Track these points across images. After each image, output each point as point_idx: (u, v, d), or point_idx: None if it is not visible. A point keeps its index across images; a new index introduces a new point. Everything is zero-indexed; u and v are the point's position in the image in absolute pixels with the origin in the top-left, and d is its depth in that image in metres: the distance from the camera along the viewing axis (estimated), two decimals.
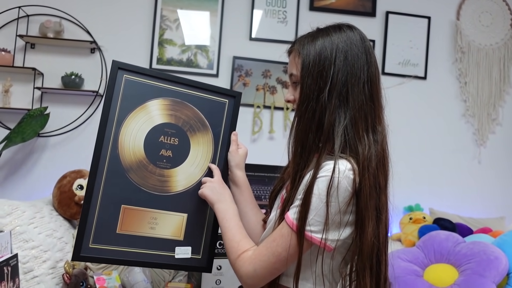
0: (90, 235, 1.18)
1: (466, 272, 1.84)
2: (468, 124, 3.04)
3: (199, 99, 1.28)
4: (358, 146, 0.94)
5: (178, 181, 1.25)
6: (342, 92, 0.95)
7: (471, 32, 3.08)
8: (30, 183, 2.60)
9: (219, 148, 1.29)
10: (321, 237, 0.89)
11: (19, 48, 2.64)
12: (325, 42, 0.98)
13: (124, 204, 1.21)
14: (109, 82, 1.22)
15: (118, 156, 1.21)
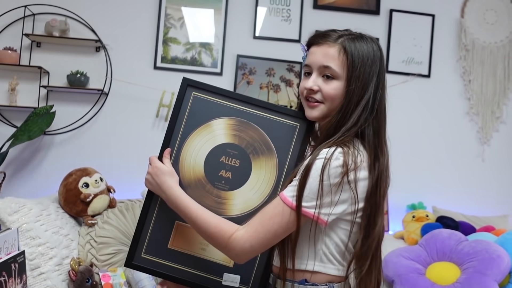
0: (143, 245, 1.20)
1: (469, 271, 1.85)
2: (472, 122, 3.04)
3: (266, 121, 1.22)
4: (379, 155, 1.05)
5: (234, 204, 1.21)
6: (376, 101, 1.06)
7: (475, 30, 3.07)
8: (36, 181, 2.63)
9: (284, 175, 1.20)
10: (314, 211, 0.98)
11: (25, 47, 2.66)
12: (369, 52, 1.05)
13: (178, 221, 1.20)
14: (177, 97, 1.22)
15: (178, 172, 1.20)
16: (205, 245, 1.20)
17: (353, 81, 1.03)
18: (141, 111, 2.73)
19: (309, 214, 0.98)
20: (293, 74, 2.87)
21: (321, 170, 0.97)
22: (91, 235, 1.89)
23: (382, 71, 1.08)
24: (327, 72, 1.05)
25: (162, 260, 1.19)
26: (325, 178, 0.97)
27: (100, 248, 1.86)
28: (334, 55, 1.05)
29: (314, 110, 1.09)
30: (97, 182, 1.99)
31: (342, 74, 1.04)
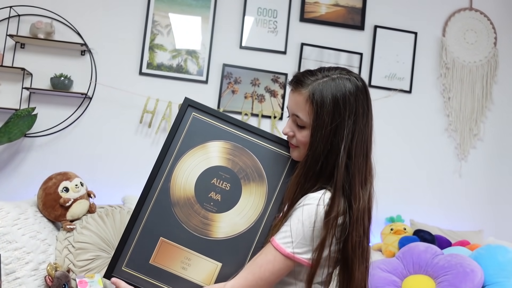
0: (125, 258, 1.20)
1: (443, 284, 1.89)
2: (451, 138, 3.11)
3: (261, 149, 1.25)
4: (351, 201, 1.02)
5: (220, 227, 1.22)
6: (350, 148, 1.03)
7: (456, 49, 3.16)
8: (14, 184, 2.58)
9: (272, 203, 1.23)
10: (307, 257, 0.99)
11: (8, 48, 2.63)
12: (339, 96, 1.02)
13: (162, 237, 1.21)
14: (177, 116, 1.24)
15: (169, 189, 1.22)
16: (186, 264, 1.20)
17: (317, 130, 1.02)
18: (125, 116, 2.72)
19: (303, 261, 1.00)
20: (278, 85, 2.90)
21: (314, 216, 0.98)
22: (69, 240, 1.86)
23: (361, 113, 1.04)
24: (297, 121, 1.07)
25: (142, 275, 1.19)
26: (317, 225, 0.98)
27: (78, 254, 1.84)
28: (301, 104, 1.05)
29: (293, 152, 1.13)
30: (77, 186, 1.97)
31: (309, 123, 1.04)
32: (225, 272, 1.20)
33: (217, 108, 2.81)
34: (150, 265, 1.20)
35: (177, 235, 1.21)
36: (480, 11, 3.17)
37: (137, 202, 1.21)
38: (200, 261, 1.21)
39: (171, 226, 1.21)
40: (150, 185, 1.22)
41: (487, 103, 3.15)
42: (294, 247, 0.99)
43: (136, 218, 1.21)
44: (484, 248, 2.06)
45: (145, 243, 1.21)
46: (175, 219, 1.22)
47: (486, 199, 3.10)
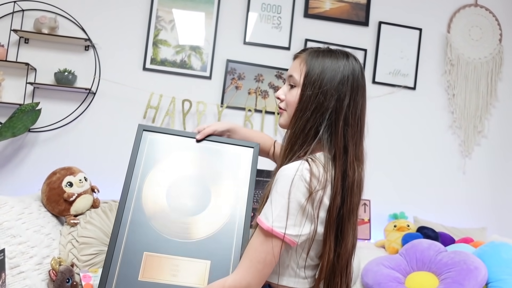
0: (112, 283, 1.20)
1: (446, 281, 1.88)
2: (455, 135, 3.10)
3: (218, 152, 1.36)
4: (348, 171, 1.04)
5: (200, 228, 1.27)
6: (339, 114, 1.04)
7: (460, 46, 3.14)
8: (18, 178, 2.59)
9: (241, 194, 1.33)
10: (283, 232, 0.98)
11: (13, 43, 2.64)
12: (333, 65, 1.06)
13: (146, 251, 1.23)
14: (134, 143, 1.34)
15: (142, 206, 1.28)
16: (175, 271, 1.22)
17: (308, 86, 1.06)
18: (129, 112, 2.72)
19: (279, 235, 0.98)
20: (282, 81, 2.89)
21: (289, 187, 0.98)
22: (73, 235, 1.87)
23: (353, 88, 1.06)
24: (290, 81, 1.12)
25: None
26: (292, 197, 0.98)
27: (82, 248, 1.84)
28: (297, 66, 1.11)
29: (281, 118, 1.16)
30: (81, 181, 1.97)
31: (300, 82, 1.08)
32: (216, 267, 1.23)
33: (221, 104, 2.81)
34: (139, 282, 1.20)
35: (159, 246, 1.24)
36: (485, 8, 3.15)
37: (114, 225, 1.25)
38: (189, 264, 1.23)
39: (152, 239, 1.24)
40: (123, 207, 1.28)
41: (491, 100, 3.14)
42: (273, 221, 0.98)
43: (116, 240, 1.24)
44: (488, 245, 2.05)
45: (130, 261, 1.22)
46: (154, 231, 1.26)
47: (490, 196, 3.10)
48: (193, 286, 1.20)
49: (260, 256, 0.99)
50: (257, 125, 2.84)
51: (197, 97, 2.77)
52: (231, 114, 2.82)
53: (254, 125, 2.83)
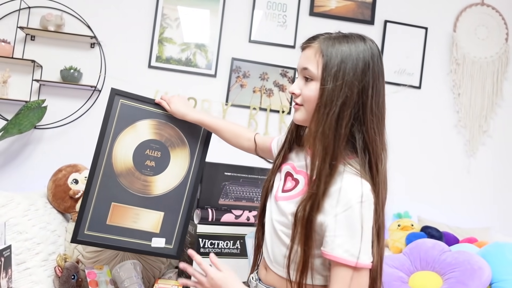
0: (86, 224, 1.50)
1: (450, 281, 1.88)
2: (460, 135, 3.09)
3: (181, 121, 1.54)
4: (378, 165, 0.99)
5: (158, 186, 1.56)
6: (365, 105, 0.96)
7: (466, 45, 3.13)
8: (24, 175, 2.61)
9: (194, 161, 1.60)
10: (371, 261, 0.93)
11: (19, 40, 2.65)
12: (351, 52, 0.96)
13: (113, 202, 1.52)
14: (107, 104, 1.49)
15: (112, 164, 1.52)
16: (136, 219, 1.54)
17: (328, 79, 0.95)
18: None
19: (369, 266, 0.93)
20: (287, 79, 2.89)
21: (361, 216, 0.91)
22: None
23: (375, 74, 0.97)
24: (306, 74, 1.00)
25: (103, 234, 1.51)
26: (366, 226, 0.92)
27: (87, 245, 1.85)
28: (311, 56, 0.99)
29: (296, 113, 1.06)
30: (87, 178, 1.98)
31: (318, 75, 0.97)
32: (167, 218, 1.57)
33: (226, 102, 2.81)
34: (107, 225, 1.51)
35: (125, 198, 1.53)
36: (492, 7, 3.13)
37: (88, 178, 1.50)
38: (147, 214, 1.55)
39: (119, 192, 1.52)
40: (95, 163, 1.50)
41: (497, 99, 3.12)
42: (359, 255, 0.91)
43: (89, 190, 1.49)
44: (492, 245, 2.05)
45: (100, 209, 1.51)
46: (121, 186, 1.52)
47: (494, 196, 3.09)
48: (148, 230, 1.55)
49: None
50: (262, 123, 2.84)
51: (202, 95, 2.78)
52: (236, 112, 2.82)
53: (259, 123, 2.84)
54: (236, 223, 1.84)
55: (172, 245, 1.59)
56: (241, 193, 1.91)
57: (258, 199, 1.96)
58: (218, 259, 1.06)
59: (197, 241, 1.76)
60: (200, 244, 1.77)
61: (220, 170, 1.88)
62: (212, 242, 1.78)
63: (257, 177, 1.94)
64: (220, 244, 1.80)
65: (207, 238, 1.78)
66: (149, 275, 1.95)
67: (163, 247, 1.58)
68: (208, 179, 1.85)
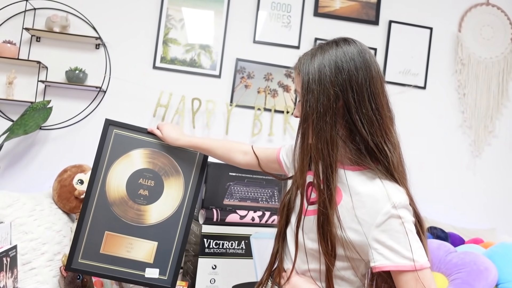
0: (80, 252, 1.51)
1: (456, 282, 1.87)
2: (465, 135, 3.08)
3: (174, 149, 1.58)
4: (393, 163, 0.97)
5: (151, 215, 1.57)
6: (349, 108, 0.94)
7: (471, 45, 3.11)
8: (30, 176, 2.62)
9: (189, 190, 1.60)
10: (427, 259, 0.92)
11: (24, 41, 2.66)
12: (324, 59, 0.96)
13: (107, 231, 1.53)
14: (101, 134, 1.54)
15: (105, 193, 1.54)
16: (130, 248, 1.54)
17: (305, 94, 0.97)
18: (139, 110, 2.73)
19: (427, 264, 0.92)
20: (291, 79, 2.89)
21: (400, 220, 0.92)
22: None
23: (353, 72, 0.94)
24: (299, 97, 1.02)
25: (96, 263, 1.51)
26: (406, 224, 0.93)
27: None
28: (296, 78, 1.03)
29: None
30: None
31: (300, 92, 1.00)
32: (161, 248, 1.56)
33: (230, 103, 2.81)
34: (101, 254, 1.52)
35: (118, 227, 1.53)
36: (497, 7, 3.12)
37: (82, 206, 1.51)
38: (140, 243, 1.55)
39: (112, 221, 1.53)
40: (89, 192, 1.52)
41: (503, 99, 3.11)
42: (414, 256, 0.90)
43: (83, 219, 1.51)
44: (498, 246, 2.03)
45: (94, 237, 1.52)
46: (114, 215, 1.53)
47: (500, 197, 3.07)
48: (142, 260, 1.55)
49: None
50: (267, 124, 2.84)
51: (207, 96, 2.78)
52: (240, 113, 2.82)
53: (263, 124, 2.83)
54: (241, 224, 1.84)
55: (167, 276, 1.57)
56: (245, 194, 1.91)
57: (263, 200, 1.96)
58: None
59: (202, 241, 1.76)
60: (205, 244, 1.77)
61: (225, 170, 1.88)
62: (217, 243, 1.78)
63: (262, 177, 1.94)
64: (225, 244, 1.80)
65: (212, 238, 1.78)
66: None
67: (156, 277, 1.56)
68: (212, 179, 1.85)
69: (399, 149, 1.00)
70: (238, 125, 2.82)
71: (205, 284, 1.76)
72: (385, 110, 0.98)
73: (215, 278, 1.78)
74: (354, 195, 0.95)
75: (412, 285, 0.88)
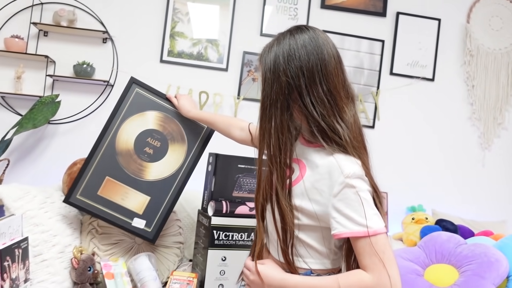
0: (79, 189, 1.69)
1: (467, 273, 1.86)
2: (474, 127, 3.06)
3: (185, 119, 1.74)
4: (342, 136, 0.99)
5: (151, 172, 1.74)
6: (301, 93, 1.00)
7: (480, 36, 3.08)
8: (39, 169, 2.63)
9: (189, 159, 1.77)
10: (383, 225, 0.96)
11: (32, 36, 2.67)
12: (278, 50, 1.03)
13: (108, 176, 1.70)
14: (124, 89, 1.70)
15: (115, 142, 1.70)
16: (124, 197, 1.71)
17: (263, 83, 1.05)
18: None
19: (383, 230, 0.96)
20: None
21: (354, 189, 0.96)
22: (93, 225, 1.90)
23: (302, 61, 0.99)
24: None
25: (92, 202, 1.69)
26: (360, 192, 0.98)
27: (102, 238, 1.87)
28: (259, 69, 1.10)
29: None
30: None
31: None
32: (152, 203, 1.73)
33: (238, 96, 2.81)
34: (97, 195, 1.69)
35: (118, 175, 1.69)
36: None
37: (91, 149, 1.68)
38: (135, 195, 1.72)
39: (115, 168, 1.69)
40: (101, 139, 1.69)
41: None
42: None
43: (89, 161, 1.67)
44: (509, 237, 2.02)
45: (95, 179, 1.68)
46: (117, 164, 1.69)
47: (510, 189, 3.05)
48: (133, 210, 1.72)
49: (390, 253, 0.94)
50: None
51: (214, 89, 2.78)
52: (247, 106, 2.82)
53: None
54: (250, 215, 1.84)
55: (151, 229, 1.75)
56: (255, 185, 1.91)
57: None
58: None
59: (211, 233, 1.76)
60: (215, 236, 1.77)
61: (234, 162, 1.88)
62: (226, 234, 1.78)
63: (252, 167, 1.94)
64: (234, 236, 1.80)
65: (221, 230, 1.78)
66: (164, 268, 1.96)
67: (142, 228, 1.73)
68: (222, 171, 1.85)
69: (355, 125, 1.03)
70: (246, 118, 2.78)
71: (215, 276, 1.76)
72: (339, 90, 1.02)
73: (224, 270, 1.78)
74: (314, 168, 1.02)
75: (367, 250, 0.92)
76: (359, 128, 1.04)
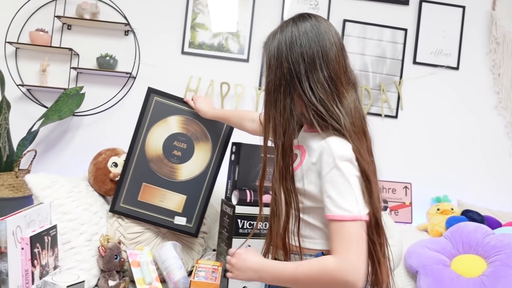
0: (121, 198, 1.83)
1: (495, 264, 1.83)
2: (500, 116, 2.99)
3: (205, 119, 1.83)
4: (338, 119, 1.01)
5: (182, 172, 1.86)
6: (301, 79, 1.03)
7: (506, 23, 3.00)
8: (65, 160, 2.68)
9: (215, 155, 1.88)
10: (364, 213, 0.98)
11: (56, 29, 2.70)
12: (281, 37, 1.06)
13: (144, 182, 1.83)
14: (144, 100, 1.81)
15: (145, 151, 1.82)
16: (162, 199, 1.84)
17: (267, 70, 1.09)
18: None
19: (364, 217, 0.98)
20: None
21: (342, 173, 0.98)
22: None
23: (304, 49, 1.03)
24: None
25: (135, 208, 1.83)
26: (349, 177, 1.00)
27: (128, 227, 1.89)
28: (264, 56, 1.14)
29: None
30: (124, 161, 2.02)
31: None
32: (189, 200, 1.86)
33: (259, 87, 2.80)
34: (138, 201, 1.83)
35: (154, 180, 1.82)
36: None
37: (125, 160, 1.82)
38: (172, 195, 1.85)
39: (149, 175, 1.82)
40: (131, 149, 1.81)
41: None
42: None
43: (125, 172, 1.81)
44: None
45: (133, 187, 1.82)
46: (151, 170, 1.82)
47: None
48: (172, 209, 1.85)
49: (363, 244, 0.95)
50: None
51: (235, 80, 2.77)
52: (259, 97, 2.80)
53: None
54: None
55: (192, 224, 1.88)
56: None
57: None
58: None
59: (235, 222, 1.77)
60: (239, 225, 1.77)
61: (257, 151, 1.87)
62: (251, 223, 1.79)
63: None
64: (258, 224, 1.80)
65: (245, 219, 1.78)
66: (188, 257, 1.98)
67: (184, 225, 1.86)
68: (245, 160, 1.85)
69: (355, 111, 1.05)
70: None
71: None
72: (340, 76, 1.04)
73: None
74: (311, 152, 1.06)
75: (339, 234, 0.94)
76: (359, 113, 1.06)
